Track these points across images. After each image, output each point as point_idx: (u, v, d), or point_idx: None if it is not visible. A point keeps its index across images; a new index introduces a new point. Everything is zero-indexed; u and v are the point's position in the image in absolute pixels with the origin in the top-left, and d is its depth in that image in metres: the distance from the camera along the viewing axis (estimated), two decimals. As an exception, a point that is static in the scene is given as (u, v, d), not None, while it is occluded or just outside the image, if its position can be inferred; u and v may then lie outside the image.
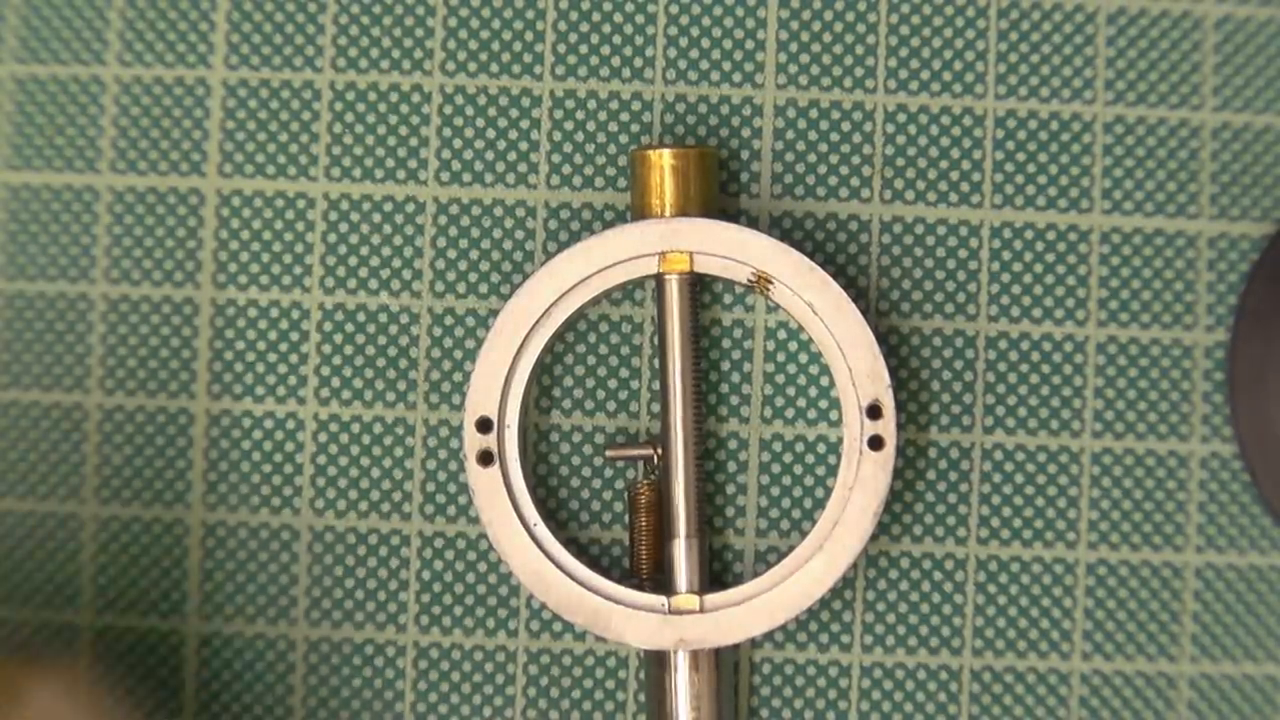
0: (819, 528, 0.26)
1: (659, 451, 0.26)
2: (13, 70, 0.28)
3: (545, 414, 0.27)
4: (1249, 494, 0.27)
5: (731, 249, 0.26)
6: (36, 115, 0.28)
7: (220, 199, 0.28)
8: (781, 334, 0.27)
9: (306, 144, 0.28)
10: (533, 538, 0.26)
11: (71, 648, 0.27)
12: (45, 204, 0.28)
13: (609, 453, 0.27)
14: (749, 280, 0.26)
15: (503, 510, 0.26)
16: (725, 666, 0.26)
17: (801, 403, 0.27)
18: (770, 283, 0.26)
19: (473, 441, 0.26)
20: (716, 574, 0.27)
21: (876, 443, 0.26)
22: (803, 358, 0.27)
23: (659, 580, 0.26)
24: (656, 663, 0.26)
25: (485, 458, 0.26)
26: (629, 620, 0.25)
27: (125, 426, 0.27)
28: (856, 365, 0.26)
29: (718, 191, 0.27)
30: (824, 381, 0.27)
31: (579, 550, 0.27)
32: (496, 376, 0.26)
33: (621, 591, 0.26)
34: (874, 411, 0.26)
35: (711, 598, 0.26)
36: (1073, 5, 0.28)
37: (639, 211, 0.26)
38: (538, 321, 0.26)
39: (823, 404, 0.27)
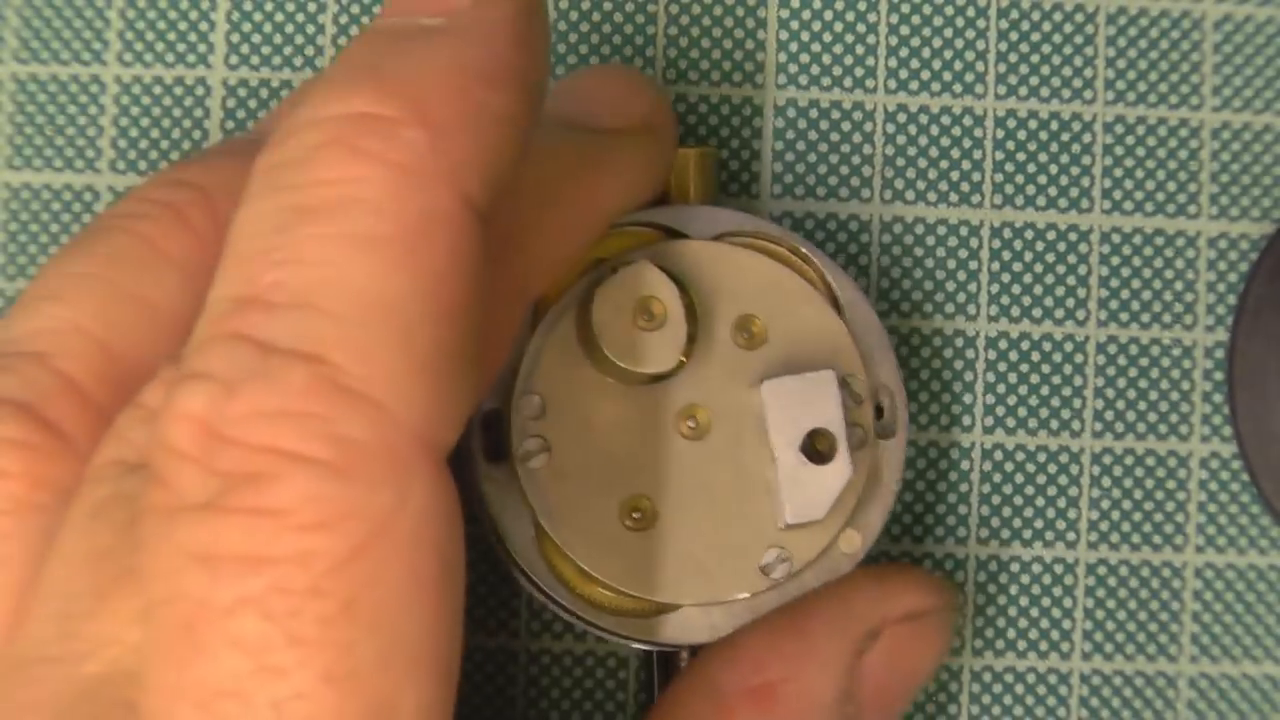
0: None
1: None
2: (13, 70, 0.28)
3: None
4: (1249, 494, 0.27)
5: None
6: (36, 115, 0.28)
7: (220, 199, 0.28)
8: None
9: (306, 144, 0.28)
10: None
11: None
12: (45, 204, 0.28)
13: None
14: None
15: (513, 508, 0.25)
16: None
17: (802, 403, 0.27)
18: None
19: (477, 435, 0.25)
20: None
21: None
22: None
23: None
24: (662, 664, 0.26)
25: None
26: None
27: (125, 426, 0.27)
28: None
29: (718, 191, 0.27)
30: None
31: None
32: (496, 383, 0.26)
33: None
34: (877, 412, 0.26)
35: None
36: (1073, 5, 0.28)
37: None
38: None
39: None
